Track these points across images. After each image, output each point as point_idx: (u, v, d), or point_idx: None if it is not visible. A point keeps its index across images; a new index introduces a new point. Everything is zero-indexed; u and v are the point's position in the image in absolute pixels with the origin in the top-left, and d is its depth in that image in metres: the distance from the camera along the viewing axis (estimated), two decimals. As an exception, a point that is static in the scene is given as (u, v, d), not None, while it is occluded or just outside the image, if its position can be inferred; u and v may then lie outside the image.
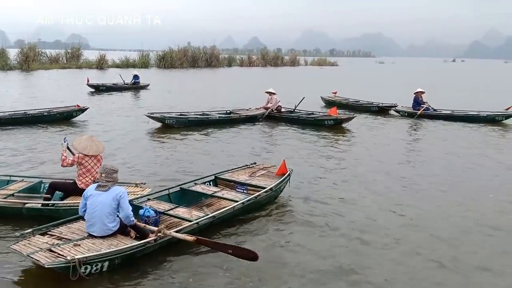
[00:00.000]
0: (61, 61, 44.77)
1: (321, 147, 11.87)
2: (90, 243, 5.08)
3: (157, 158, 10.17)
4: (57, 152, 9.85)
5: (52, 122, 13.88)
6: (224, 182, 7.41)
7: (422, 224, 6.65)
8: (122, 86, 25.72)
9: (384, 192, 8.11)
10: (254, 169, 7.89)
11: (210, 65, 53.88)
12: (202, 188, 7.07)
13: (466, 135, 14.25)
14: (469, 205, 7.58)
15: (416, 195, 7.98)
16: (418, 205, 7.41)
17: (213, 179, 7.51)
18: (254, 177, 7.45)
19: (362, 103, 19.84)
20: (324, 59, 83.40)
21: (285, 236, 6.15)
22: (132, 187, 6.97)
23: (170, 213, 6.09)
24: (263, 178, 7.41)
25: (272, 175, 7.52)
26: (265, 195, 6.76)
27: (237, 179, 7.37)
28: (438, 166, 10.03)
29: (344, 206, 7.31)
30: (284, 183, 7.29)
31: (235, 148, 11.55)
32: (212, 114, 15.57)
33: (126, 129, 13.55)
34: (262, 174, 7.63)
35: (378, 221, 6.74)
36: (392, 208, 7.27)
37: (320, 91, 22.65)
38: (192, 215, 5.98)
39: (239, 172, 7.71)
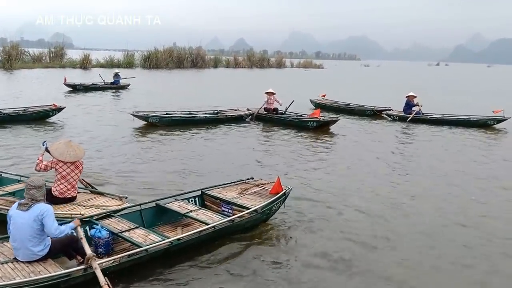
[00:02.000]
0: (44, 60, 44.13)
1: (312, 156, 11.10)
2: (10, 268, 4.47)
3: (140, 166, 9.48)
4: (33, 152, 9.71)
5: (28, 121, 13.65)
6: (211, 199, 6.60)
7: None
8: (101, 86, 25.39)
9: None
10: (248, 186, 7.05)
11: (196, 65, 53.67)
12: (178, 205, 6.16)
13: (458, 140, 14.01)
14: (451, 208, 7.60)
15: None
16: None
17: (199, 195, 6.72)
18: (244, 195, 6.60)
19: (354, 107, 19.55)
20: (310, 62, 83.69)
21: (260, 273, 5.21)
22: (110, 200, 6.36)
23: (125, 235, 5.23)
24: (253, 197, 6.53)
25: (265, 194, 6.62)
26: (246, 218, 5.89)
27: (224, 197, 6.51)
28: (429, 174, 9.79)
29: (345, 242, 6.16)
30: (277, 204, 6.38)
31: (224, 152, 11.23)
32: (198, 114, 15.47)
33: (105, 130, 13.28)
34: (254, 191, 6.77)
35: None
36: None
37: (308, 93, 22.67)
38: (147, 239, 5.11)
39: (230, 188, 6.90)
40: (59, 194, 6.10)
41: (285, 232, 6.35)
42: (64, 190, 6.16)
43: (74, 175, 6.24)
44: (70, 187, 6.20)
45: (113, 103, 20.35)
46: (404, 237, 6.32)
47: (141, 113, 14.26)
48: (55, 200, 6.05)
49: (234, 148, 11.74)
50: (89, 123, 14.29)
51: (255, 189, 6.92)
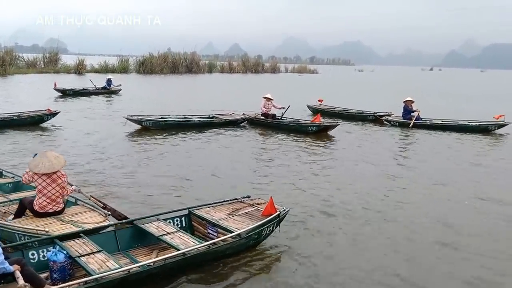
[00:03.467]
0: (39, 65, 44.05)
1: (315, 167, 10.34)
2: None
3: (129, 177, 8.87)
4: (25, 159, 9.71)
5: (23, 126, 13.66)
6: (198, 220, 5.97)
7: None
8: (92, 90, 25.39)
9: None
10: (241, 205, 6.37)
11: (191, 71, 53.76)
12: (157, 226, 5.51)
13: (461, 146, 13.71)
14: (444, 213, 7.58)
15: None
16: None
17: (186, 214, 6.08)
18: (233, 216, 5.94)
19: (354, 112, 19.27)
20: (305, 67, 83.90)
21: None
22: (96, 217, 5.84)
23: (81, 260, 4.63)
24: (242, 219, 5.85)
25: (258, 216, 5.93)
26: (228, 243, 5.28)
27: (211, 218, 5.84)
28: (431, 178, 9.61)
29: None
30: (268, 228, 5.72)
31: (222, 160, 10.69)
32: (193, 118, 15.52)
33: (97, 135, 13.15)
34: (246, 212, 6.10)
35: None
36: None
37: (304, 98, 22.68)
38: (104, 266, 4.54)
39: (220, 208, 6.24)
40: (39, 209, 5.71)
41: (275, 261, 5.57)
42: (44, 204, 5.72)
43: (52, 189, 5.73)
44: (50, 201, 5.73)
45: (105, 107, 20.32)
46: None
47: (135, 117, 14.35)
48: (37, 214, 5.73)
49: (232, 156, 11.26)
50: (81, 128, 14.26)
51: (248, 209, 6.23)
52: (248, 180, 9.01)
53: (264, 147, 12.69)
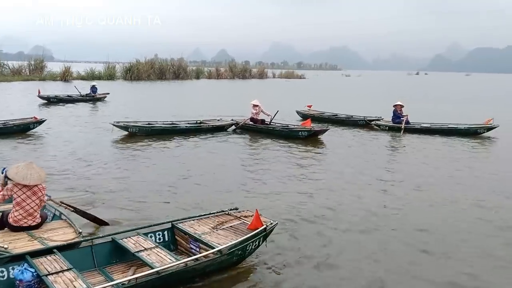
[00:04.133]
0: (24, 73, 43.70)
1: (306, 172, 10.18)
2: None
3: (115, 185, 8.63)
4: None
5: (9, 134, 13.50)
6: (181, 234, 5.60)
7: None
8: (77, 98, 25.22)
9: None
10: (228, 218, 6.00)
11: (178, 77, 53.75)
12: (135, 241, 5.19)
13: (449, 149, 13.67)
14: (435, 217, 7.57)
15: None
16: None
17: (169, 228, 5.71)
18: (217, 230, 5.58)
19: (343, 117, 19.21)
20: (292, 72, 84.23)
21: None
22: (65, 232, 5.52)
23: (49, 278, 4.32)
24: (226, 233, 5.48)
25: (243, 229, 5.56)
26: (208, 260, 4.95)
27: (194, 232, 5.48)
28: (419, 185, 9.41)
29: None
30: (254, 243, 5.37)
31: (210, 167, 10.42)
32: (180, 124, 15.50)
33: (84, 143, 12.96)
34: (232, 226, 5.73)
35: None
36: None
37: (291, 104, 22.64)
38: (70, 285, 4.24)
39: (205, 221, 5.87)
40: (14, 222, 5.48)
41: (261, 279, 5.24)
42: (19, 218, 5.48)
43: (31, 202, 5.54)
44: (26, 215, 5.50)
45: (90, 114, 20.16)
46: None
47: (121, 123, 14.31)
48: (11, 227, 5.51)
49: (220, 163, 11.00)
50: (67, 135, 14.12)
51: (234, 222, 5.84)
52: (237, 189, 8.71)
53: (253, 153, 12.53)
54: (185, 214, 6.56)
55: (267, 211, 6.83)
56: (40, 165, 9.57)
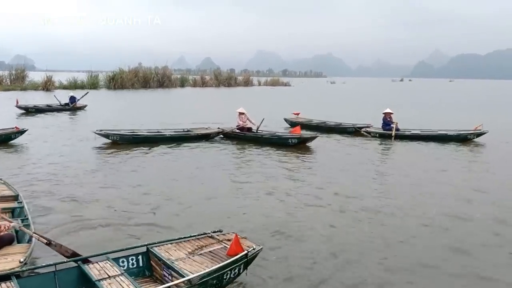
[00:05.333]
0: (5, 82, 42.92)
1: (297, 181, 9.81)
2: None
3: (97, 199, 8.16)
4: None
5: None
6: (155, 259, 5.06)
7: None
8: (56, 107, 24.76)
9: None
10: (209, 241, 5.45)
11: (162, 85, 53.38)
12: (100, 267, 4.70)
13: (442, 155, 13.56)
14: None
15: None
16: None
17: (144, 252, 5.15)
18: (194, 256, 5.05)
19: (332, 124, 18.98)
20: (277, 80, 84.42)
21: None
22: (14, 258, 4.90)
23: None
24: (203, 259, 4.94)
25: (223, 255, 5.02)
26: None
27: (168, 257, 4.95)
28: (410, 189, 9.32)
29: None
30: (233, 271, 4.84)
31: (195, 179, 9.87)
32: (165, 132, 15.15)
33: (65, 153, 12.52)
34: (211, 250, 5.18)
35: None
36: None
37: (277, 111, 22.51)
38: None
39: (184, 245, 5.33)
40: None
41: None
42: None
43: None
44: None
45: (71, 124, 19.76)
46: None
47: (102, 131, 13.99)
48: None
49: (206, 175, 10.36)
50: (48, 146, 13.70)
51: (214, 246, 5.29)
52: (223, 205, 8.03)
53: (241, 162, 12.08)
54: (166, 234, 6.21)
55: (256, 231, 6.44)
56: (22, 176, 9.28)
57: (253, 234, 6.26)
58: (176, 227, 6.77)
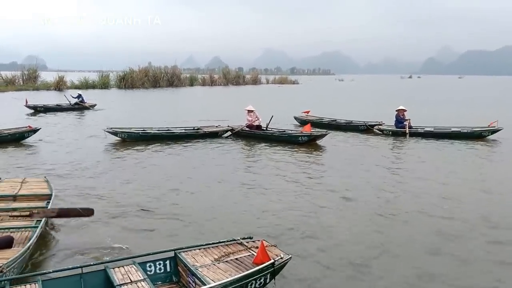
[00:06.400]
0: (17, 83, 43.59)
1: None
2: None
3: (118, 199, 8.10)
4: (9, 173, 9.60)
5: (3, 143, 13.47)
6: (182, 265, 4.89)
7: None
8: (66, 106, 25.22)
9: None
10: (236, 248, 5.20)
11: (172, 84, 53.83)
12: (124, 272, 4.62)
13: (457, 153, 13.30)
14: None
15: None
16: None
17: (172, 257, 5.00)
18: (219, 263, 4.85)
19: (343, 122, 18.81)
20: (285, 78, 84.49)
21: None
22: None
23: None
24: (227, 267, 4.73)
25: (249, 263, 4.78)
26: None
27: (193, 264, 4.77)
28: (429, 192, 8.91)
29: None
30: (258, 280, 4.61)
31: (211, 178, 9.72)
32: (174, 130, 15.45)
33: (78, 152, 12.79)
34: (237, 258, 4.96)
35: None
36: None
37: (286, 109, 22.44)
38: None
39: (211, 251, 5.15)
40: None
41: None
42: None
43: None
44: None
45: (81, 122, 20.08)
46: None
47: (110, 129, 14.40)
48: None
49: (220, 171, 10.42)
50: (61, 144, 14.04)
51: (242, 254, 5.04)
52: (246, 210, 7.66)
53: (253, 161, 12.01)
54: (192, 234, 6.23)
55: (284, 238, 6.24)
56: (36, 173, 9.69)
57: (276, 239, 6.05)
58: (197, 228, 6.78)
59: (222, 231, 6.54)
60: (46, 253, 5.78)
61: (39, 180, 8.04)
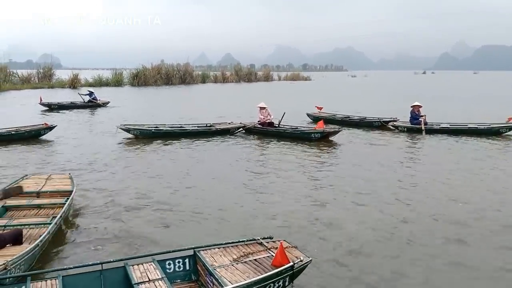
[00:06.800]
0: (33, 81, 44.26)
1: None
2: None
3: (136, 195, 8.22)
4: (21, 170, 9.85)
5: (21, 140, 13.81)
6: (201, 264, 4.81)
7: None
8: (80, 104, 25.60)
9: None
10: (256, 249, 5.04)
11: (184, 82, 54.12)
12: (142, 270, 4.60)
13: (475, 151, 12.91)
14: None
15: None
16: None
17: (191, 255, 4.95)
18: (238, 264, 4.71)
19: (357, 119, 18.65)
20: (297, 74, 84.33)
21: None
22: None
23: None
24: (245, 269, 4.59)
25: (268, 264, 4.63)
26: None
27: (212, 263, 4.68)
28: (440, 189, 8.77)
29: None
30: (274, 284, 4.44)
31: (223, 177, 9.71)
32: (188, 127, 15.63)
33: (92, 148, 13.06)
34: (256, 259, 4.82)
35: None
36: None
37: (299, 107, 22.42)
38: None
39: (230, 250, 5.03)
40: None
41: None
42: None
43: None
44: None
45: (96, 120, 20.34)
46: None
47: (123, 126, 14.68)
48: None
49: (235, 168, 10.56)
50: (76, 141, 14.31)
51: (260, 255, 4.89)
52: (262, 209, 7.56)
53: (267, 158, 11.95)
54: (212, 236, 6.18)
55: (297, 238, 6.06)
56: (53, 170, 9.95)
57: (293, 239, 5.68)
58: (214, 225, 6.79)
59: (239, 229, 6.54)
60: (65, 248, 5.91)
61: (63, 176, 8.23)
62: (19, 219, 6.20)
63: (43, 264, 5.38)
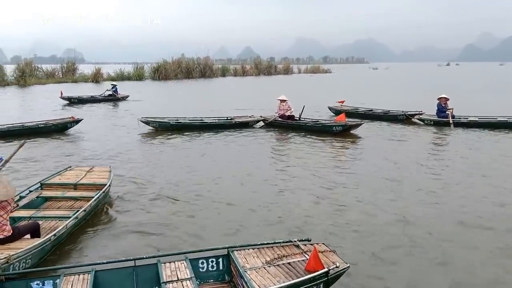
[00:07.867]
0: (57, 75, 45.13)
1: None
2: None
3: (173, 188, 8.25)
4: (53, 162, 10.23)
5: (48, 133, 14.23)
6: (234, 264, 4.62)
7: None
8: (100, 98, 26.06)
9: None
10: (292, 251, 4.78)
11: (204, 75, 54.43)
12: (173, 268, 4.53)
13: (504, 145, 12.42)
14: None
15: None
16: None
17: (225, 255, 4.78)
18: (270, 267, 4.48)
19: (380, 112, 18.22)
20: (318, 67, 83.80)
21: None
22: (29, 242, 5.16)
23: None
24: (277, 272, 4.36)
25: (301, 269, 4.37)
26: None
27: (243, 264, 4.50)
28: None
29: None
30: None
31: (246, 168, 9.79)
32: (206, 120, 15.83)
33: (117, 141, 13.38)
34: (290, 262, 4.55)
35: None
36: None
37: (320, 100, 22.35)
38: None
39: (265, 251, 4.80)
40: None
41: None
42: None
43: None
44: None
45: (118, 113, 20.72)
46: None
47: (144, 119, 14.99)
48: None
49: (258, 162, 10.53)
50: (101, 134, 14.68)
51: (296, 258, 4.64)
52: (291, 207, 7.29)
53: (289, 152, 11.82)
54: (240, 232, 6.16)
55: (345, 244, 5.80)
56: (81, 162, 10.25)
57: (330, 242, 5.51)
58: (243, 222, 6.67)
59: (276, 228, 6.38)
60: (96, 241, 6.01)
61: (103, 169, 8.37)
62: (47, 211, 6.47)
63: (75, 258, 5.48)
